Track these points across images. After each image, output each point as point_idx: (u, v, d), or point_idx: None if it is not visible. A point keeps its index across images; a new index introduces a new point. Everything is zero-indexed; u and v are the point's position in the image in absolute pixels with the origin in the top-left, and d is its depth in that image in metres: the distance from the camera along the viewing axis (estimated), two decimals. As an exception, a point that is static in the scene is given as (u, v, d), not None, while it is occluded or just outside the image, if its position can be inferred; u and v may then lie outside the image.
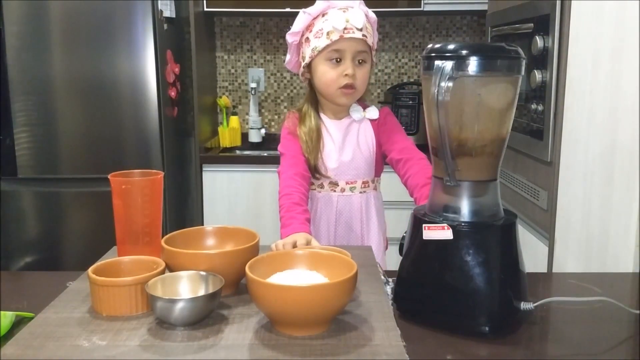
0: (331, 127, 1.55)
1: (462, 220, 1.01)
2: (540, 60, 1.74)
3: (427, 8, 2.87)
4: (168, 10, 2.70)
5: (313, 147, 1.51)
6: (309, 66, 1.51)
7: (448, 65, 0.96)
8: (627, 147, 1.62)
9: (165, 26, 2.68)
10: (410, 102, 2.92)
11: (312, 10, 1.48)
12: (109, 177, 1.15)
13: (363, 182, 1.56)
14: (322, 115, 1.56)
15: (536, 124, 1.78)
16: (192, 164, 3.12)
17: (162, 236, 1.11)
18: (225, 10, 2.96)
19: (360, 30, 1.44)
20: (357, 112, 1.55)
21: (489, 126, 1.01)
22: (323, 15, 1.47)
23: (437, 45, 1.01)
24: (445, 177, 1.02)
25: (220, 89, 3.36)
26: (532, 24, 1.80)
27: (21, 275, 1.78)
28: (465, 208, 1.02)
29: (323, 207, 1.56)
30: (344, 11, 1.45)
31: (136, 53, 2.55)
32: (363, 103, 1.59)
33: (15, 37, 2.53)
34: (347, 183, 1.54)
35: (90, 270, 0.99)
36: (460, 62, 0.96)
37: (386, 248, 1.65)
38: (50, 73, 2.56)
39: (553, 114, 1.68)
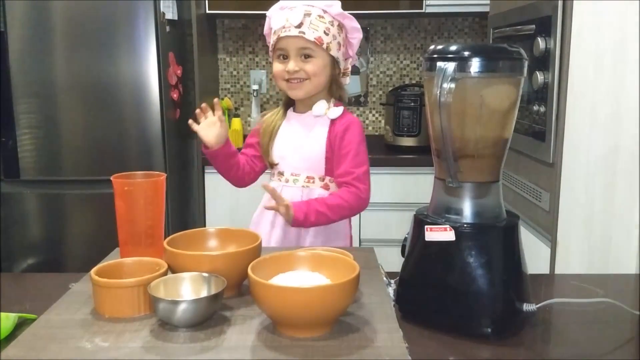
0: (292, 120, 1.61)
1: (465, 221, 1.01)
2: (542, 61, 1.74)
3: (429, 10, 2.87)
4: (170, 13, 2.71)
5: (265, 135, 1.61)
6: None
7: (450, 66, 0.96)
8: (629, 149, 1.61)
9: (168, 28, 2.68)
10: (412, 103, 2.92)
11: (270, 12, 1.57)
12: (111, 178, 1.15)
13: (307, 177, 1.56)
14: (290, 110, 1.63)
15: (538, 126, 1.78)
16: (194, 166, 3.11)
17: (165, 238, 1.11)
18: (227, 12, 2.96)
19: (298, 27, 1.48)
20: (319, 108, 1.56)
21: (491, 127, 1.01)
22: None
23: (440, 47, 1.01)
24: (447, 179, 1.02)
25: (223, 91, 3.36)
26: (534, 26, 1.80)
27: (24, 277, 1.79)
28: (467, 209, 1.02)
29: (268, 196, 1.56)
30: (290, 9, 1.51)
31: (138, 55, 2.55)
32: (338, 101, 1.59)
33: (18, 40, 2.53)
34: (291, 174, 1.58)
35: (92, 271, 0.99)
36: (462, 64, 0.96)
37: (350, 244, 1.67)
38: (52, 75, 2.56)
39: (555, 116, 1.68)
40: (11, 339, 0.91)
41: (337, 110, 1.56)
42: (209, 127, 1.53)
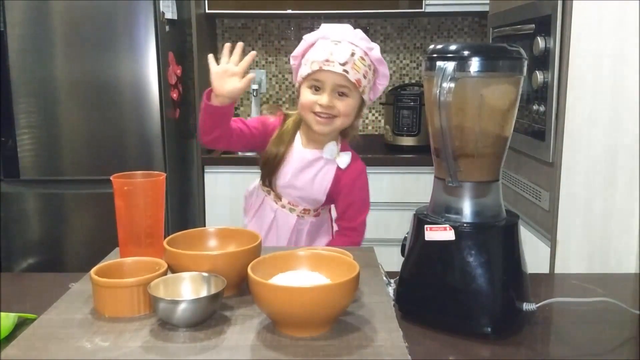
0: (298, 151, 1.54)
1: (464, 221, 1.01)
2: (542, 61, 1.74)
3: (429, 9, 2.87)
4: (170, 12, 2.71)
5: (276, 162, 1.52)
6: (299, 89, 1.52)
7: (450, 66, 0.96)
8: (629, 148, 1.62)
9: (167, 28, 2.69)
10: (412, 103, 2.92)
11: (309, 37, 1.50)
12: (111, 178, 1.15)
13: (304, 209, 1.56)
14: (298, 137, 1.55)
15: (538, 125, 1.78)
16: (194, 166, 3.12)
17: (164, 237, 1.11)
18: (227, 12, 2.96)
19: (343, 65, 1.42)
20: (329, 152, 1.52)
21: (491, 127, 1.01)
22: (314, 45, 1.48)
23: (439, 46, 1.01)
24: (447, 178, 1.02)
25: (222, 90, 3.36)
26: (534, 25, 1.80)
27: (24, 276, 1.79)
28: (467, 209, 1.02)
29: (263, 208, 1.57)
30: (335, 44, 1.44)
31: (138, 55, 2.55)
32: (345, 143, 1.57)
33: (18, 40, 2.53)
34: (289, 203, 1.55)
35: (92, 271, 0.99)
36: (462, 63, 0.96)
37: None
38: (52, 75, 2.56)
39: (555, 115, 1.68)
40: (11, 339, 0.91)
41: (346, 159, 1.53)
42: (226, 77, 1.39)
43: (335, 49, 1.43)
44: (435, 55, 1.00)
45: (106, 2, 2.50)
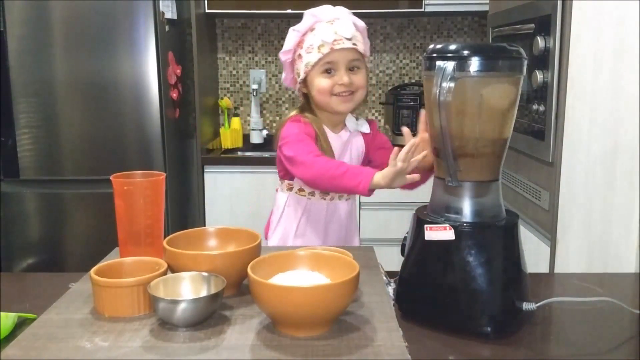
0: (334, 140, 1.54)
1: (464, 220, 1.01)
2: (542, 60, 1.74)
3: (428, 9, 2.87)
4: (169, 12, 2.71)
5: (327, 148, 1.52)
6: (304, 81, 1.51)
7: (450, 65, 0.96)
8: (629, 147, 1.61)
9: (167, 28, 2.69)
10: (412, 102, 2.92)
11: (300, 27, 1.49)
12: (111, 178, 1.15)
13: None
14: (326, 129, 1.55)
15: (537, 125, 1.78)
16: (193, 165, 3.12)
17: (164, 237, 1.11)
18: (227, 11, 2.96)
19: (350, 39, 1.44)
20: (352, 123, 1.56)
21: (491, 126, 1.01)
22: (312, 31, 1.48)
23: (439, 46, 1.01)
24: (447, 178, 1.02)
25: (222, 90, 3.36)
26: (533, 25, 1.80)
27: (23, 276, 1.79)
28: (467, 208, 1.02)
29: (312, 214, 1.56)
30: (331, 24, 1.46)
31: (138, 55, 2.55)
32: (354, 114, 1.59)
33: (18, 40, 2.53)
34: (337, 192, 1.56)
35: (92, 271, 0.99)
36: (461, 63, 0.96)
37: None
38: (52, 75, 2.56)
39: (554, 115, 1.68)
40: (11, 338, 0.91)
41: (364, 123, 1.58)
42: (399, 174, 1.27)
43: (338, 27, 1.45)
44: (434, 55, 1.00)
45: (106, 2, 2.50)
